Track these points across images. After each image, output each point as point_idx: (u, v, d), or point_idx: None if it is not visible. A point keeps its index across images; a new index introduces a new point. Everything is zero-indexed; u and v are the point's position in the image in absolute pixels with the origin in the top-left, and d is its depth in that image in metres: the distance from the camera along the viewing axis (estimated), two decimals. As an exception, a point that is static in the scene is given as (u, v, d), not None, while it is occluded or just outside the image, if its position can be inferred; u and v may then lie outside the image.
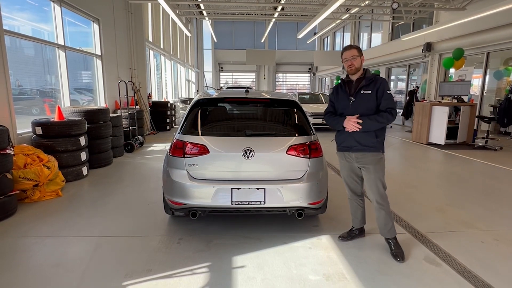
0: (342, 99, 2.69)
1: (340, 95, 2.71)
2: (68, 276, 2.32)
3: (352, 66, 2.61)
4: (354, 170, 2.78)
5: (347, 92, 2.67)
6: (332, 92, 2.83)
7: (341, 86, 2.74)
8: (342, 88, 2.72)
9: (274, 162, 2.83)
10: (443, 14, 10.96)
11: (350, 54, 2.61)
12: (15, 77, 4.92)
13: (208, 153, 2.75)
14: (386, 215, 2.68)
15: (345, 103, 2.65)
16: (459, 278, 2.36)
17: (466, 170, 5.64)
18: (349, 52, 2.63)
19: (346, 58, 2.63)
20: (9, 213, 3.38)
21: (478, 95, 9.77)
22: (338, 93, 2.74)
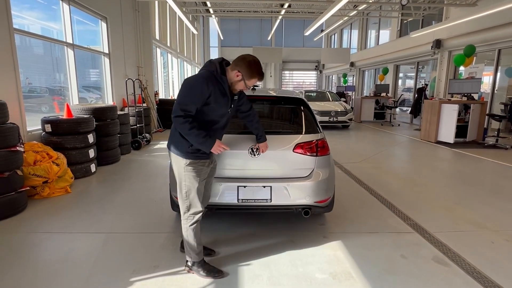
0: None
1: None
2: (76, 272, 2.35)
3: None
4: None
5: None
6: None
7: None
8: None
9: (281, 160, 2.81)
10: (453, 10, 10.76)
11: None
12: (25, 75, 4.99)
13: None
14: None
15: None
16: (469, 278, 2.32)
17: (475, 169, 5.55)
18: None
19: (250, 87, 2.25)
20: (20, 209, 3.43)
21: (489, 92, 9.58)
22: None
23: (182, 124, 2.06)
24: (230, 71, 2.15)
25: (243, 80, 2.13)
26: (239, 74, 2.11)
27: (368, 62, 16.82)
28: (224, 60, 2.20)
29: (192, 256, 2.31)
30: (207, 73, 2.11)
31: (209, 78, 2.08)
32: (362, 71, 19.06)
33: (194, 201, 2.24)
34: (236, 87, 2.19)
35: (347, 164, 5.75)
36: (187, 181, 2.21)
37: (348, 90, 16.67)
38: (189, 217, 2.26)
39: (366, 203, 3.84)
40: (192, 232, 2.26)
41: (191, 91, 2.07)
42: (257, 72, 2.14)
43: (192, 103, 2.07)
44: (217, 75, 2.11)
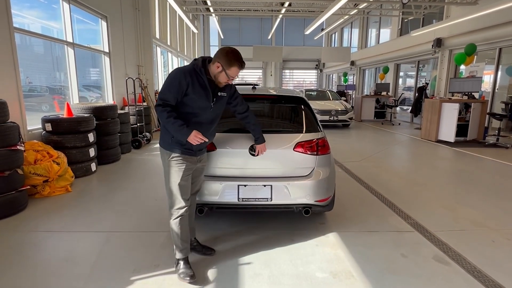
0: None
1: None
2: (77, 270, 2.35)
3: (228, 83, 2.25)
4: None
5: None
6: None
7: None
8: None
9: (281, 159, 2.81)
10: (454, 8, 10.74)
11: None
12: (25, 74, 4.99)
13: (215, 150, 2.75)
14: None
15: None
16: (469, 277, 2.32)
17: (476, 168, 5.54)
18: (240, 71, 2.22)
19: (233, 77, 2.21)
20: (20, 208, 3.44)
21: (490, 91, 9.57)
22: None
23: (160, 112, 2.10)
24: (212, 64, 2.19)
25: (224, 70, 2.15)
26: (219, 65, 2.14)
27: (369, 61, 16.80)
28: (209, 57, 2.25)
29: (176, 253, 2.31)
30: (187, 66, 2.20)
31: (188, 70, 2.15)
32: (363, 70, 19.03)
33: (176, 196, 2.25)
34: (219, 80, 2.20)
35: (348, 163, 5.75)
36: (171, 176, 2.23)
37: (348, 89, 16.65)
38: (173, 211, 2.27)
39: (366, 202, 3.84)
40: (175, 227, 2.26)
41: (171, 82, 2.13)
42: (235, 59, 2.15)
43: (171, 93, 2.11)
44: (196, 68, 2.17)
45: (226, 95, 2.35)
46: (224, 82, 2.23)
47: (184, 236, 2.30)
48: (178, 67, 2.23)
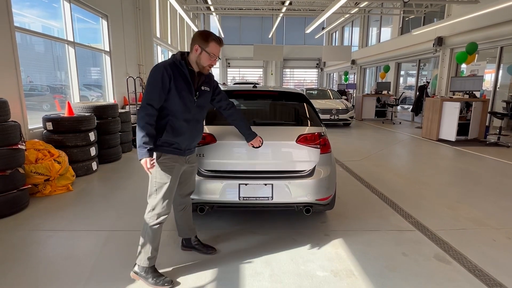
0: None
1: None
2: (79, 269, 2.36)
3: (212, 66, 2.20)
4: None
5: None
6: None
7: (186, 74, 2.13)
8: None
9: (283, 151, 2.78)
10: (455, 7, 10.71)
11: (220, 51, 2.17)
12: (26, 74, 5.00)
13: (215, 142, 2.72)
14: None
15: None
16: (470, 276, 2.32)
17: (477, 167, 5.53)
18: (220, 48, 2.16)
19: (215, 54, 2.12)
20: (22, 207, 3.45)
21: (491, 90, 9.55)
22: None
23: (141, 118, 2.01)
24: (190, 53, 2.14)
25: (203, 50, 2.08)
26: (197, 47, 2.09)
27: (370, 60, 16.77)
28: (187, 52, 2.20)
29: (142, 260, 2.15)
30: (167, 60, 2.13)
31: (168, 64, 2.09)
32: (363, 68, 19.00)
33: (162, 201, 2.12)
34: (202, 63, 2.12)
35: (349, 162, 5.74)
36: (157, 177, 2.13)
37: (349, 88, 16.63)
38: (152, 216, 2.13)
39: (367, 201, 3.84)
40: (151, 233, 2.13)
41: (154, 79, 2.04)
42: (211, 36, 2.10)
43: (155, 92, 2.03)
44: (176, 61, 2.10)
45: (209, 90, 2.30)
46: (208, 65, 2.15)
47: (156, 245, 2.19)
48: (157, 63, 2.15)
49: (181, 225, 2.55)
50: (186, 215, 2.52)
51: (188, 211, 2.52)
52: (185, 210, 2.50)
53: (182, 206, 2.48)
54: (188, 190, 2.46)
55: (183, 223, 2.54)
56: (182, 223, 2.54)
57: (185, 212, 2.51)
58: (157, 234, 2.18)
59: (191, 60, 2.15)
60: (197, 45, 2.09)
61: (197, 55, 2.11)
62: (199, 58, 2.12)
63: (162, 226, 2.19)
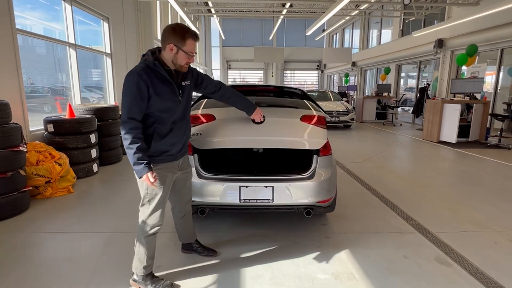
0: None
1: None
2: (80, 271, 2.36)
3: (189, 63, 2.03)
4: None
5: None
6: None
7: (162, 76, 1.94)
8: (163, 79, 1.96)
9: (287, 128, 2.72)
10: (456, 9, 10.72)
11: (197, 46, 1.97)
12: (27, 75, 5.01)
13: (214, 120, 2.66)
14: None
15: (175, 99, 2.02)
16: (472, 279, 2.31)
17: (478, 169, 5.52)
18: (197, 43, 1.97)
19: (192, 52, 1.96)
20: (22, 209, 3.45)
21: (492, 92, 9.54)
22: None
23: (124, 135, 1.85)
24: (164, 52, 1.94)
25: (179, 49, 1.90)
26: (171, 46, 1.89)
27: (370, 62, 16.79)
28: (157, 48, 1.99)
29: (138, 269, 2.11)
30: (138, 66, 1.92)
31: (141, 69, 1.88)
32: (364, 70, 19.02)
33: (154, 211, 2.05)
34: (180, 62, 1.95)
35: (349, 164, 5.74)
36: (149, 189, 2.01)
37: (349, 90, 16.64)
38: (146, 227, 2.07)
39: (368, 203, 3.83)
40: (145, 244, 2.08)
41: (129, 90, 1.85)
42: (186, 30, 1.90)
43: (134, 104, 1.85)
44: (149, 64, 1.90)
45: (190, 82, 2.12)
46: (185, 64, 1.98)
47: (152, 254, 2.14)
48: (129, 71, 1.90)
49: (182, 231, 2.54)
50: (186, 222, 2.49)
51: (188, 218, 2.49)
52: (185, 217, 2.46)
53: (182, 213, 2.44)
54: (186, 198, 2.41)
55: (183, 230, 2.53)
56: (182, 229, 2.52)
57: (185, 219, 2.48)
58: (151, 244, 2.12)
59: (165, 59, 1.95)
60: (172, 44, 1.89)
61: (173, 54, 1.92)
62: (175, 58, 1.93)
63: (156, 235, 2.15)
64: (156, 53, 1.96)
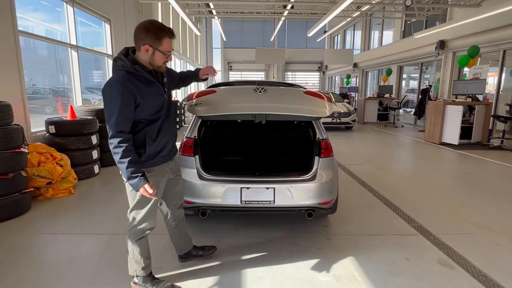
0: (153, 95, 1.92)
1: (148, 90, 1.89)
2: (80, 272, 2.35)
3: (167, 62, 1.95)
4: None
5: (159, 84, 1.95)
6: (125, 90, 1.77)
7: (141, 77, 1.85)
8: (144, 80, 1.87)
9: (291, 96, 2.70)
10: (458, 10, 10.70)
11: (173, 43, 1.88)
12: (29, 77, 5.02)
13: (215, 92, 2.64)
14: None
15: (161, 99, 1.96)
16: (474, 281, 2.29)
17: (480, 171, 5.50)
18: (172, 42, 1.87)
19: (169, 51, 1.87)
20: (24, 210, 3.45)
21: (494, 93, 9.51)
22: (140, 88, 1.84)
23: (114, 148, 1.78)
24: (139, 52, 1.84)
25: (156, 50, 1.80)
26: (147, 47, 1.79)
27: (372, 63, 16.77)
28: (128, 49, 1.88)
29: (137, 271, 2.08)
30: (118, 74, 1.79)
31: (123, 78, 1.77)
32: (366, 72, 19.00)
33: (147, 216, 2.01)
34: (157, 63, 1.86)
35: (351, 165, 5.72)
36: (140, 194, 1.92)
37: (351, 91, 16.61)
38: (137, 231, 2.02)
39: (369, 205, 3.82)
40: (138, 247, 2.05)
41: (114, 103, 1.74)
42: (161, 29, 1.79)
43: (122, 116, 1.76)
44: (129, 69, 1.79)
45: (167, 79, 2.06)
46: (163, 63, 1.89)
47: (147, 254, 2.12)
48: (109, 81, 1.78)
49: (177, 241, 2.45)
50: (180, 230, 2.41)
51: (182, 226, 2.41)
52: (179, 226, 2.38)
53: (176, 222, 2.35)
54: (178, 202, 2.33)
55: (179, 239, 2.45)
56: (178, 239, 2.44)
57: (179, 228, 2.39)
58: (144, 245, 2.09)
59: (142, 60, 1.84)
60: (148, 44, 1.78)
61: (149, 55, 1.82)
62: (152, 59, 1.83)
63: (148, 236, 2.11)
64: (130, 55, 1.85)
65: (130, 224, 2.05)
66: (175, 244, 2.48)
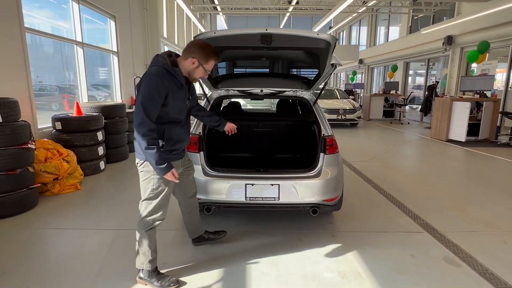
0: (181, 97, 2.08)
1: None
2: (86, 268, 2.38)
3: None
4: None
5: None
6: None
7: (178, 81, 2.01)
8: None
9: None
10: (466, 5, 10.52)
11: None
12: (35, 74, 5.06)
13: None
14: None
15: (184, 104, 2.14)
16: (481, 279, 2.27)
17: (488, 168, 5.43)
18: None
19: (210, 70, 2.10)
20: (31, 205, 3.49)
21: (502, 90, 9.36)
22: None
23: (142, 136, 1.87)
24: (184, 60, 2.01)
25: (201, 66, 2.00)
26: (194, 60, 1.98)
27: (377, 59, 16.60)
28: (172, 52, 2.07)
29: (144, 264, 2.14)
30: (158, 69, 1.93)
31: (162, 74, 1.91)
32: (371, 68, 18.83)
33: (160, 207, 2.10)
34: (195, 76, 2.06)
35: (356, 162, 5.69)
36: (155, 185, 2.04)
37: (356, 87, 16.49)
38: (147, 221, 2.10)
39: (375, 202, 3.79)
40: (147, 237, 2.11)
41: (150, 92, 1.88)
42: (213, 52, 2.02)
43: (152, 107, 1.89)
44: (169, 69, 1.94)
45: (191, 90, 2.24)
46: (199, 78, 2.09)
47: (154, 247, 2.18)
48: (147, 73, 1.93)
49: (190, 225, 2.60)
50: (193, 216, 2.56)
51: (195, 212, 2.56)
52: (192, 212, 2.54)
53: (189, 209, 2.51)
54: (191, 191, 2.47)
55: (191, 224, 2.60)
56: (190, 224, 2.59)
57: (192, 214, 2.55)
58: (152, 237, 2.17)
59: (182, 67, 2.01)
60: (196, 59, 1.98)
61: (193, 68, 2.01)
62: (193, 71, 2.03)
63: (156, 228, 2.18)
64: (173, 57, 2.01)
65: (141, 214, 2.11)
66: (188, 229, 2.62)
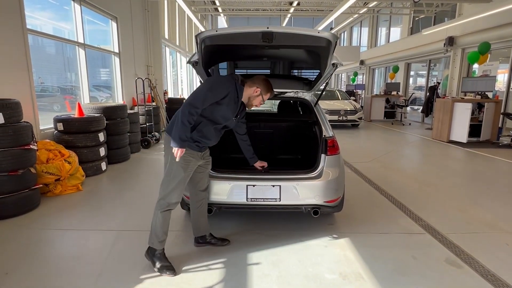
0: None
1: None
2: (88, 268, 2.38)
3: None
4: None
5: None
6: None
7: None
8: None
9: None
10: (467, 6, 10.52)
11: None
12: (37, 75, 5.08)
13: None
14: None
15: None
16: (482, 281, 2.27)
17: (489, 169, 5.42)
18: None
19: (264, 101, 2.49)
20: (33, 206, 3.50)
21: (504, 91, 9.34)
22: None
23: (187, 115, 2.17)
24: (249, 87, 2.40)
25: (261, 95, 2.41)
26: (258, 89, 2.39)
27: (379, 60, 16.60)
28: (241, 77, 2.46)
29: (154, 243, 2.36)
30: (230, 77, 2.38)
31: (231, 83, 2.32)
32: (372, 69, 18.82)
33: (174, 190, 2.31)
34: (253, 102, 2.44)
35: (357, 163, 5.69)
36: (174, 169, 2.29)
37: (358, 88, 16.48)
38: (164, 203, 2.33)
39: (376, 203, 3.79)
40: (161, 218, 2.34)
41: (215, 89, 2.26)
42: (272, 88, 2.48)
43: (206, 98, 2.22)
44: (237, 84, 2.35)
45: (240, 114, 2.56)
46: (254, 105, 2.46)
47: (166, 229, 2.38)
48: (226, 75, 2.43)
49: (197, 222, 2.67)
50: (201, 212, 2.66)
51: (203, 208, 2.66)
52: (201, 207, 2.65)
53: (199, 203, 2.62)
54: (203, 185, 2.61)
55: (198, 221, 2.67)
56: (197, 221, 2.67)
57: (201, 210, 2.66)
58: (166, 218, 2.37)
59: (245, 92, 2.40)
60: (260, 88, 2.39)
61: (255, 95, 2.41)
62: (254, 97, 2.42)
63: (171, 212, 2.39)
64: (243, 80, 2.43)
65: (159, 196, 2.35)
66: (194, 226, 2.70)
